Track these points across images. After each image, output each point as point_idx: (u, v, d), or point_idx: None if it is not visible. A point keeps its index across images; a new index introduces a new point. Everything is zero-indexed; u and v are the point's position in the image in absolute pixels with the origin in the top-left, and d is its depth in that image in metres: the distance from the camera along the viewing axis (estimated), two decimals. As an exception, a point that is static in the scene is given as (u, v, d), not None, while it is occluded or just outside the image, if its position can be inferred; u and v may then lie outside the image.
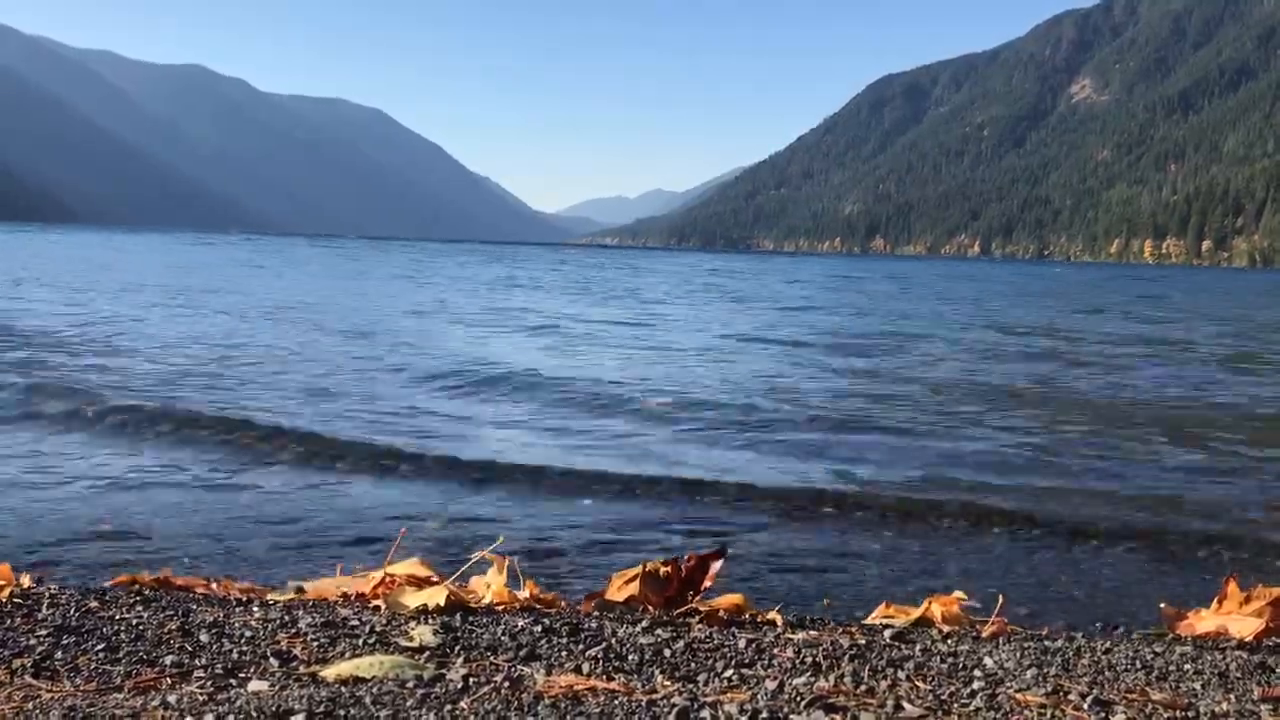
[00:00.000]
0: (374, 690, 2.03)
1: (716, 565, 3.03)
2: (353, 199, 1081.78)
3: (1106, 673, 2.43)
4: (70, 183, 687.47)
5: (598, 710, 1.96)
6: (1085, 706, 2.12)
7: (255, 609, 2.77)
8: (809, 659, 2.43)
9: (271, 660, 2.30)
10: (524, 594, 3.02)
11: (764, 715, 1.95)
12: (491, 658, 2.36)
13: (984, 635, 2.85)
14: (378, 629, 2.56)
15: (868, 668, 2.37)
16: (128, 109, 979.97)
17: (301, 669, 2.24)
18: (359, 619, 2.67)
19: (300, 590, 3.13)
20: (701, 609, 2.92)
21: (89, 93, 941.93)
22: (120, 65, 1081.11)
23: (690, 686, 2.17)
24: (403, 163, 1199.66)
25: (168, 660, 2.27)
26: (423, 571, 3.06)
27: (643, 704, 2.00)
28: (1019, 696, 2.16)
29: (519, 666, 2.28)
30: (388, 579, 3.02)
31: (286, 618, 2.66)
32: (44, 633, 2.43)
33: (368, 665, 2.20)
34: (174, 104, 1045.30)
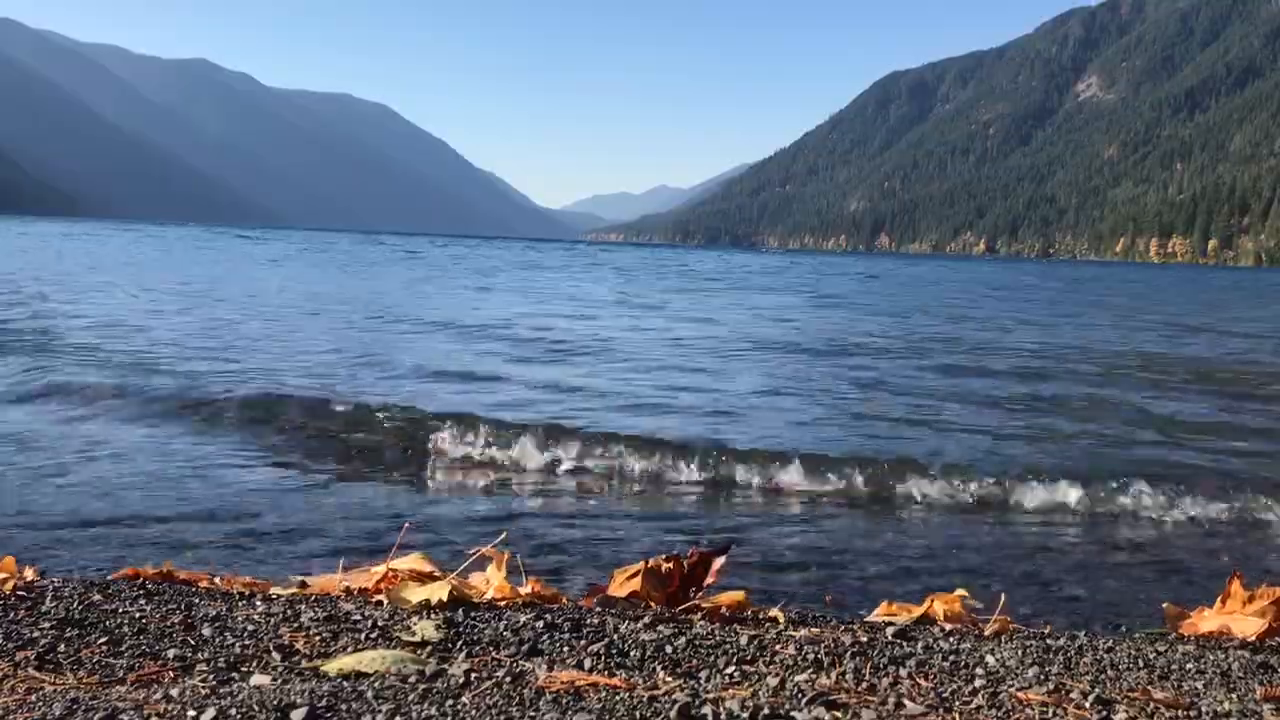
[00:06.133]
0: (376, 685, 2.04)
1: (719, 562, 3.02)
2: (359, 193, 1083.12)
3: (1108, 671, 2.42)
4: (76, 174, 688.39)
5: (599, 706, 1.96)
6: (1087, 705, 2.11)
7: (258, 603, 2.78)
8: (811, 656, 2.43)
9: (274, 654, 2.30)
10: (526, 589, 3.02)
11: (765, 712, 1.95)
12: (493, 653, 2.36)
13: (986, 633, 2.85)
14: (380, 624, 2.56)
15: (869, 665, 2.36)
16: (134, 103, 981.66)
17: (303, 663, 2.24)
18: (361, 614, 2.67)
19: (303, 585, 3.13)
20: (704, 605, 2.92)
21: (95, 86, 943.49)
22: (126, 59, 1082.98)
23: (692, 683, 2.17)
24: (408, 157, 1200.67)
25: (170, 653, 2.28)
26: (425, 567, 3.06)
27: (644, 700, 2.00)
28: (1020, 695, 2.16)
29: (521, 662, 2.28)
30: (390, 574, 3.03)
31: (289, 612, 2.67)
32: (47, 625, 2.44)
33: (370, 660, 2.20)
34: (180, 98, 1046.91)
